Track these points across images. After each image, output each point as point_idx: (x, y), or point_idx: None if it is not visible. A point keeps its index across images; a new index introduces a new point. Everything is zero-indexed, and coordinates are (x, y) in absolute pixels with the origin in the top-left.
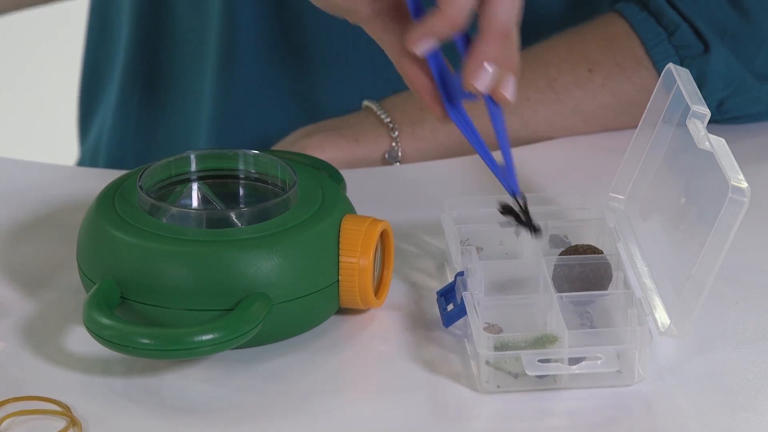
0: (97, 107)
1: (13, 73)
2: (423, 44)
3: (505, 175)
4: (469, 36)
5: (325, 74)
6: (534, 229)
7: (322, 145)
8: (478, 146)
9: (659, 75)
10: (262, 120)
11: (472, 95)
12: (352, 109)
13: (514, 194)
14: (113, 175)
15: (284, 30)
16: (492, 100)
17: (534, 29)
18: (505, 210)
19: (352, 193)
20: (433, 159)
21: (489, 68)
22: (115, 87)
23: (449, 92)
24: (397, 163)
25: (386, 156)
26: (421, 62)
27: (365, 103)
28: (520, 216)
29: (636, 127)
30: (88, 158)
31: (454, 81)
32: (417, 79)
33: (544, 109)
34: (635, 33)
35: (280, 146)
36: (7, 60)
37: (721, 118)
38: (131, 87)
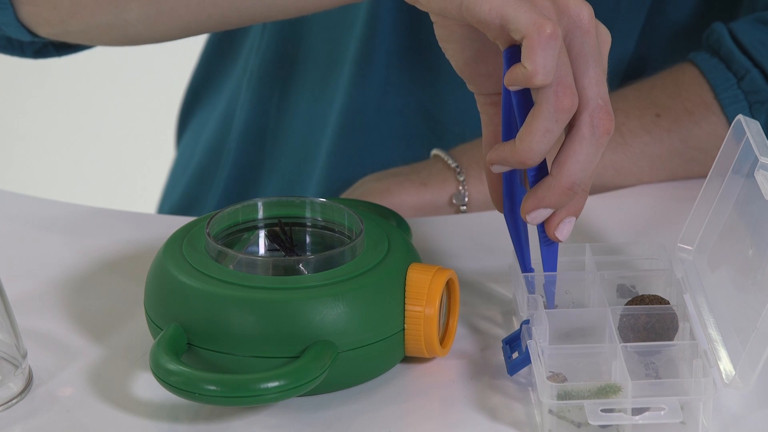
0: (206, 113)
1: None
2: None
3: (539, 284)
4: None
5: (451, 91)
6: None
7: (390, 188)
8: (518, 250)
9: (728, 121)
10: (385, 127)
11: None
12: (473, 129)
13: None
14: (181, 221)
15: (419, 41)
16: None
17: None
18: (271, 235)
19: (418, 242)
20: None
21: (544, 212)
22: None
23: (512, 190)
24: (464, 207)
25: (453, 200)
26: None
27: (434, 151)
28: (284, 245)
29: (702, 175)
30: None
31: (519, 186)
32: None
33: (611, 154)
34: (705, 79)
35: (349, 191)
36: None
37: None
38: (262, 96)
